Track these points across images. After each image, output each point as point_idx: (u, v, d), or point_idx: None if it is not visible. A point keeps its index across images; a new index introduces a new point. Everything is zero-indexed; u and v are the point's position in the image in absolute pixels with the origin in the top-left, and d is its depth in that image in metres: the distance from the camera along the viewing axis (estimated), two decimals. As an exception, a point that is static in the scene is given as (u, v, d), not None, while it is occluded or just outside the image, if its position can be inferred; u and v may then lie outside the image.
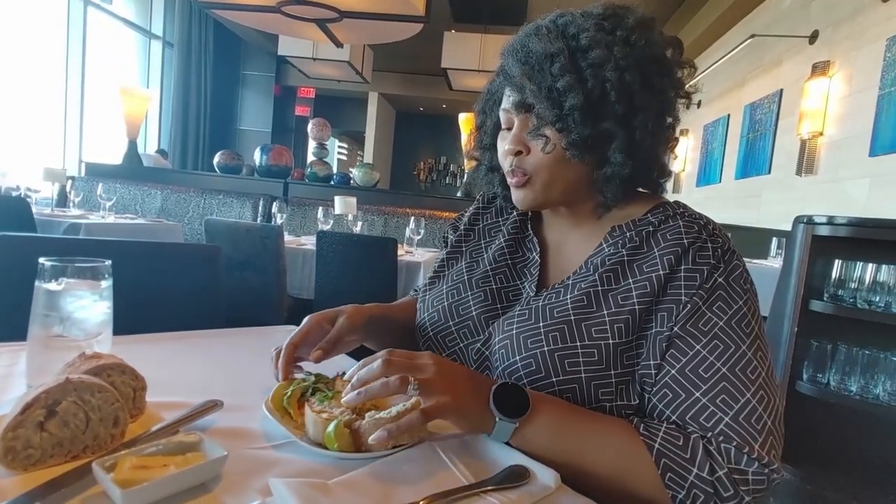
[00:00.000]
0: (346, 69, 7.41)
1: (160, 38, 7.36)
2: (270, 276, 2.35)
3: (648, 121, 0.64)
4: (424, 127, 11.88)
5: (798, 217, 1.81)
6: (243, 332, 0.95)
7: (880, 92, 3.10)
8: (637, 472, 0.55)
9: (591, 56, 0.62)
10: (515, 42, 0.68)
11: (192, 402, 0.58)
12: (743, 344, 0.58)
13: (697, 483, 0.53)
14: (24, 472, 0.45)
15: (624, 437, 0.57)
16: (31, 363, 0.61)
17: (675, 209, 0.67)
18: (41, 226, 2.63)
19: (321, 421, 0.54)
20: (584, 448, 0.57)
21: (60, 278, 0.60)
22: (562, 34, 0.64)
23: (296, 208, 3.89)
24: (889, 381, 1.59)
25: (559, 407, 0.59)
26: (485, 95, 0.78)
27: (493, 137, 0.77)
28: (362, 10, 4.29)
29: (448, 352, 0.74)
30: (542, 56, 0.63)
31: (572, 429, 0.57)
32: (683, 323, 0.59)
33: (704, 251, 0.61)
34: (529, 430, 0.56)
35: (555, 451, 0.56)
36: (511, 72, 0.67)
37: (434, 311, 0.76)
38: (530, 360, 0.63)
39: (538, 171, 0.67)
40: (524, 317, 0.67)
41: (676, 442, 0.55)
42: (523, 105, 0.67)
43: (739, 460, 0.54)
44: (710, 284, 0.60)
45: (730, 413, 0.55)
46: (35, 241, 1.16)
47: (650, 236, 0.65)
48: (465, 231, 0.87)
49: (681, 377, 0.58)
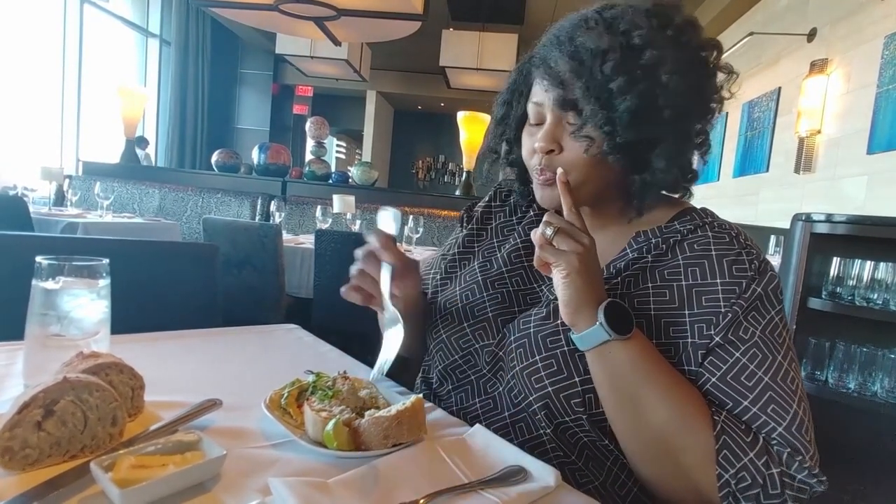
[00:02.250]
0: (344, 67, 7.39)
1: (157, 37, 7.33)
2: (269, 275, 2.34)
3: (692, 126, 0.62)
4: (423, 125, 11.86)
5: (796, 215, 1.81)
6: (242, 331, 0.95)
7: (878, 90, 3.11)
8: (693, 435, 0.55)
9: (646, 56, 0.59)
10: (561, 33, 0.63)
11: (191, 402, 0.58)
12: (778, 354, 0.58)
13: (749, 468, 0.53)
14: (22, 472, 0.45)
15: (694, 398, 0.57)
16: (29, 362, 0.61)
17: (704, 218, 0.66)
18: (38, 225, 2.62)
19: (320, 420, 0.54)
20: (654, 389, 0.57)
21: (58, 277, 0.60)
22: (611, 29, 0.60)
23: (294, 207, 3.89)
24: (887, 378, 1.59)
25: (649, 345, 0.59)
26: (510, 86, 0.74)
27: (517, 131, 0.73)
28: (360, 8, 4.28)
29: (461, 353, 0.73)
30: (592, 52, 0.59)
31: (652, 368, 0.57)
32: (725, 332, 0.59)
33: (741, 263, 0.61)
34: (617, 348, 0.56)
35: (626, 380, 0.57)
36: (557, 66, 0.62)
37: (447, 313, 0.75)
38: (551, 359, 0.62)
39: (570, 171, 0.63)
40: (542, 315, 0.66)
41: (740, 426, 0.56)
42: (566, 102, 0.62)
43: (791, 465, 0.54)
44: (749, 294, 0.59)
45: (783, 423, 0.55)
46: (32, 240, 1.16)
47: (677, 244, 0.64)
48: (477, 229, 0.84)
49: (723, 384, 0.58)
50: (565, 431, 0.63)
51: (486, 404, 0.70)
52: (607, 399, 0.58)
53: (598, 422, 0.61)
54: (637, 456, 0.60)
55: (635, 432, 0.58)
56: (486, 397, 0.70)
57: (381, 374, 0.67)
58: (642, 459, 0.59)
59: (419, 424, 0.55)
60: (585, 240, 0.58)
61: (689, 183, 0.69)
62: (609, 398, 0.58)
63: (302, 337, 0.96)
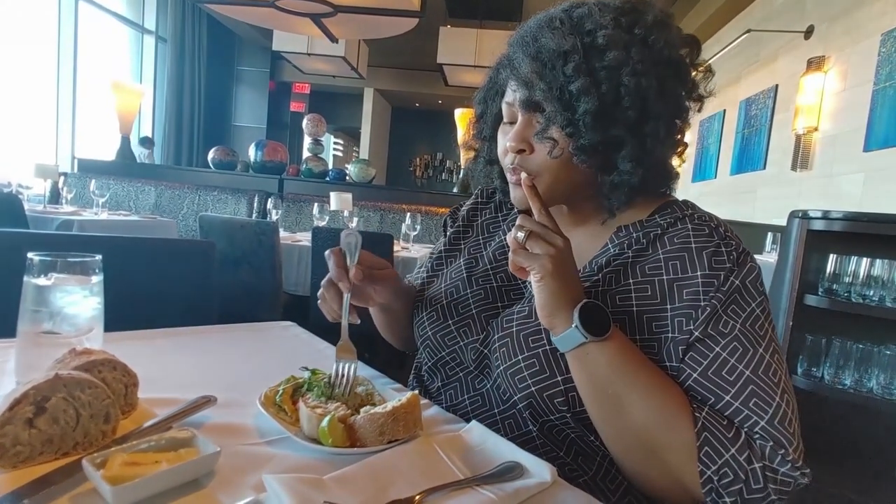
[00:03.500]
0: (341, 64, 7.37)
1: (153, 33, 7.29)
2: (266, 273, 2.34)
3: (660, 127, 0.61)
4: (420, 122, 11.84)
5: (793, 212, 1.82)
6: (237, 329, 0.94)
7: (875, 87, 3.11)
8: (675, 433, 0.55)
9: (608, 58, 0.58)
10: (526, 33, 0.63)
11: (185, 398, 0.57)
12: (759, 346, 0.58)
13: (731, 463, 0.53)
14: (13, 470, 0.44)
15: (675, 396, 0.57)
16: (21, 359, 0.60)
17: (684, 210, 0.65)
18: (33, 222, 2.60)
19: (315, 416, 0.53)
20: (634, 389, 0.56)
21: (50, 273, 0.59)
22: (577, 29, 0.60)
23: (291, 204, 3.88)
24: (883, 374, 1.60)
25: (628, 344, 0.58)
26: (486, 84, 0.74)
27: (494, 129, 0.73)
28: (357, 5, 4.27)
29: (447, 350, 0.73)
30: (554, 53, 0.59)
31: (631, 367, 0.57)
32: (704, 326, 0.58)
33: (720, 255, 0.60)
34: (594, 350, 0.56)
35: (605, 380, 0.56)
36: (520, 67, 0.62)
37: (433, 309, 0.75)
38: (533, 359, 0.62)
39: (542, 172, 0.63)
40: (524, 314, 0.66)
41: (722, 421, 0.56)
42: (531, 103, 0.63)
43: (773, 459, 0.54)
44: (727, 287, 0.59)
45: (765, 417, 0.55)
46: (25, 237, 1.15)
47: (657, 239, 0.64)
48: (463, 227, 0.85)
49: (704, 379, 0.58)
50: (552, 429, 0.64)
51: (475, 401, 0.70)
52: (588, 399, 0.58)
53: (583, 419, 0.61)
54: (622, 454, 0.60)
55: (618, 432, 0.58)
56: (474, 394, 0.70)
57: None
58: (627, 458, 0.59)
59: (415, 421, 0.55)
60: (558, 241, 0.58)
61: (667, 182, 0.68)
62: (590, 398, 0.58)
63: (298, 334, 0.96)
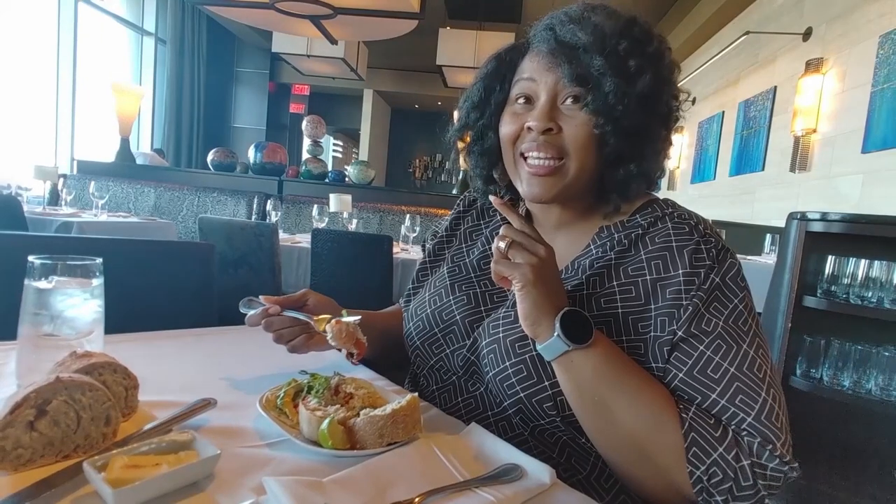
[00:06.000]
0: (340, 66, 7.36)
1: (153, 35, 7.29)
2: (265, 274, 2.34)
3: (669, 129, 0.65)
4: (420, 124, 11.84)
5: (792, 213, 1.82)
6: (237, 331, 0.94)
7: (873, 89, 3.12)
8: (663, 436, 0.56)
9: (651, 48, 0.62)
10: (573, 13, 0.64)
11: (185, 401, 0.57)
12: (744, 343, 0.58)
13: (720, 462, 0.54)
14: (14, 472, 0.44)
15: (661, 398, 0.57)
16: (21, 362, 0.61)
17: (664, 209, 0.66)
18: (32, 224, 2.60)
19: (315, 419, 0.54)
20: (620, 394, 0.57)
21: (51, 276, 0.60)
22: (619, 17, 0.64)
23: (290, 206, 3.88)
24: (881, 375, 1.60)
25: (612, 350, 0.58)
26: (491, 72, 0.71)
27: (494, 117, 0.71)
28: (357, 7, 4.27)
29: (435, 359, 0.73)
30: (614, 29, 0.61)
31: (616, 373, 0.57)
32: (687, 326, 0.59)
33: (699, 253, 0.61)
34: (578, 357, 0.56)
35: (591, 387, 0.57)
36: (573, 39, 0.62)
37: (419, 319, 0.75)
38: (520, 365, 0.62)
39: (568, 153, 0.63)
40: (510, 319, 0.66)
41: (709, 420, 0.56)
42: (581, 78, 0.61)
43: (761, 455, 0.54)
44: (707, 285, 0.59)
45: (752, 413, 0.55)
46: (25, 240, 1.15)
47: (639, 239, 0.64)
48: (446, 236, 0.86)
49: (690, 379, 0.58)
50: (543, 432, 0.64)
51: (468, 404, 0.70)
52: (576, 405, 0.59)
53: (572, 423, 0.61)
54: (613, 458, 0.60)
55: (607, 437, 0.58)
56: (468, 397, 0.71)
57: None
58: (618, 462, 0.60)
59: (414, 423, 0.55)
60: (540, 250, 0.58)
61: (656, 181, 0.71)
62: (577, 404, 0.58)
63: (298, 336, 0.95)
